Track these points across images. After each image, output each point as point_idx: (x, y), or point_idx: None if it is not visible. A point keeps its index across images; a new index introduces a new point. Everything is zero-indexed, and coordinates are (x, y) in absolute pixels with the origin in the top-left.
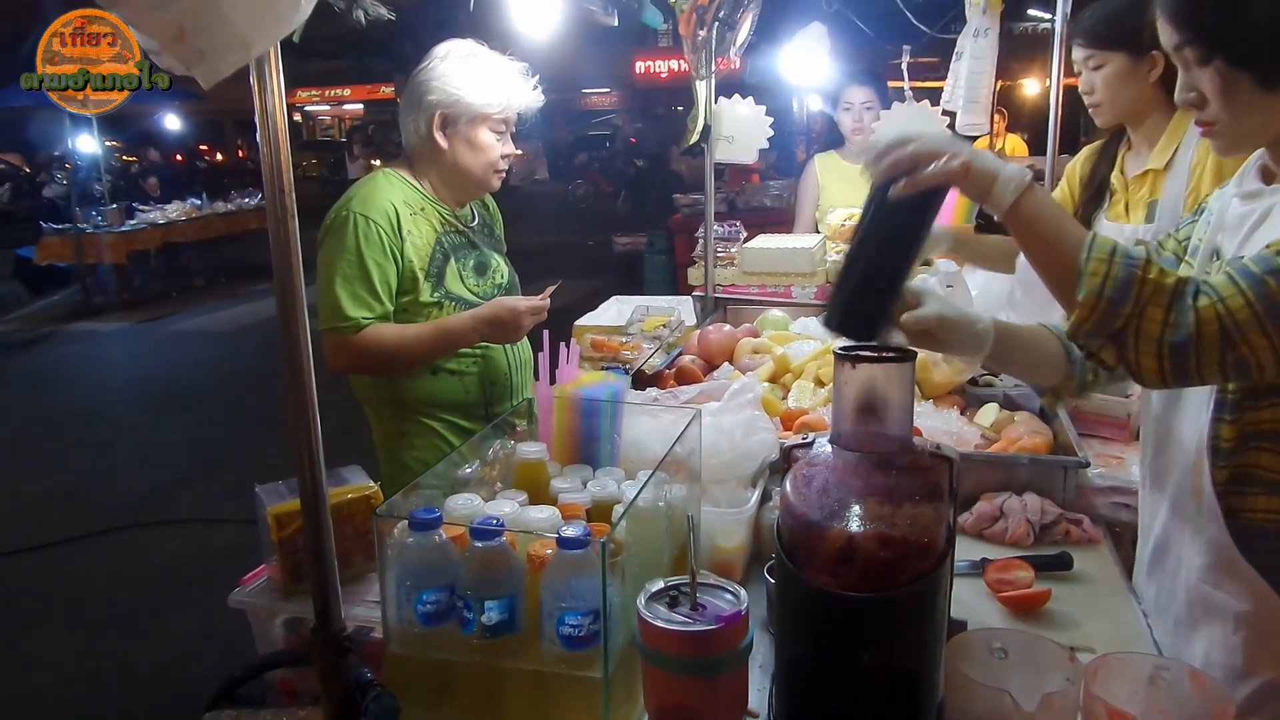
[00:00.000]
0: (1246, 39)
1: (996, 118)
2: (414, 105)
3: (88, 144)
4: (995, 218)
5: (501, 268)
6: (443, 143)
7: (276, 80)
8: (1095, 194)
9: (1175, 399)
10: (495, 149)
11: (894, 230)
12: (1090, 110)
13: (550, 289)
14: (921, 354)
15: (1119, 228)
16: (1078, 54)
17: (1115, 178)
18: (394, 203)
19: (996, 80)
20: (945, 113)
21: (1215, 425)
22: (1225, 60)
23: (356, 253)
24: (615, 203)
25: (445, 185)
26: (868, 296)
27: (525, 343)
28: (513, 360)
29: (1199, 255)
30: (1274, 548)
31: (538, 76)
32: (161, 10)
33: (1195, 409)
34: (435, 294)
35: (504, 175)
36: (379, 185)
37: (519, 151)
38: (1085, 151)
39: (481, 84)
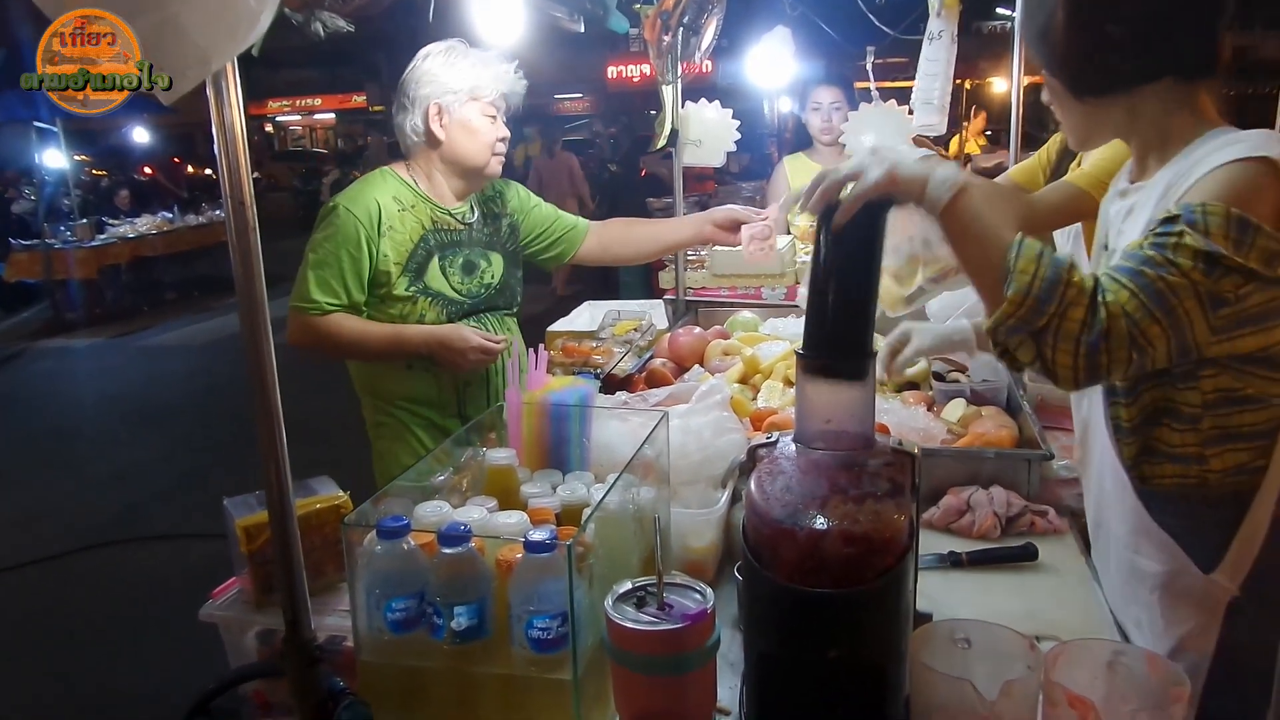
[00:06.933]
0: (1054, 53)
1: (978, 119)
2: (408, 104)
3: (55, 159)
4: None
5: (493, 268)
6: (440, 134)
7: (234, 92)
8: (1066, 160)
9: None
10: (490, 130)
11: (852, 254)
12: None
13: (503, 340)
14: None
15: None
16: None
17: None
18: (379, 200)
19: (964, 80)
20: (911, 111)
21: (1112, 408)
22: (1046, 69)
23: (333, 242)
24: (591, 206)
25: (447, 179)
26: (845, 328)
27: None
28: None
29: (1094, 250)
30: (1180, 510)
31: (516, 62)
32: None
33: (1099, 394)
34: (411, 288)
35: (503, 159)
36: (371, 182)
37: (507, 133)
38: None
39: (467, 69)
